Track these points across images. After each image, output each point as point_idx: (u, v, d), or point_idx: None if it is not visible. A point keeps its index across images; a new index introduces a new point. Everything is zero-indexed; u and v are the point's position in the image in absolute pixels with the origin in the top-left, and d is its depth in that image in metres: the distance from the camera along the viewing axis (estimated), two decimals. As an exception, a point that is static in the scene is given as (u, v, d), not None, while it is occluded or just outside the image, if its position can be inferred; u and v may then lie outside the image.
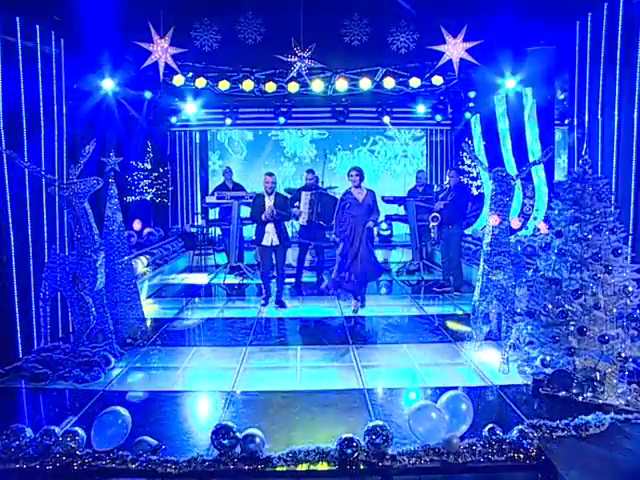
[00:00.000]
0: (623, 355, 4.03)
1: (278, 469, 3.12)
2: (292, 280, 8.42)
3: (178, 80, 8.28)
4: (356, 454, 3.14)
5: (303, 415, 3.87)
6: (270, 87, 9.01)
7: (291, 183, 12.56)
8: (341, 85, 8.86)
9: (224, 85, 8.94)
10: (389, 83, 8.77)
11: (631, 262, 4.52)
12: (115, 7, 6.79)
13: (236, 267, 9.39)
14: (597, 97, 5.84)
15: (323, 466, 3.13)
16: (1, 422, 3.46)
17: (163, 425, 3.75)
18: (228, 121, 11.71)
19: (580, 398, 4.03)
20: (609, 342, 4.07)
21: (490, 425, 3.32)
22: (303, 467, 3.12)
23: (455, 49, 7.55)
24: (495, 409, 3.98)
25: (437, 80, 8.55)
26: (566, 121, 7.77)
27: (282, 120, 11.72)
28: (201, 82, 8.62)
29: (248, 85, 8.90)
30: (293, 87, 8.78)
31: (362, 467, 3.14)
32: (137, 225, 9.80)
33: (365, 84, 8.81)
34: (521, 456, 3.17)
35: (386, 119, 11.97)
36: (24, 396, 4.40)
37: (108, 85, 7.93)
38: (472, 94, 9.99)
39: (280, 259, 7.26)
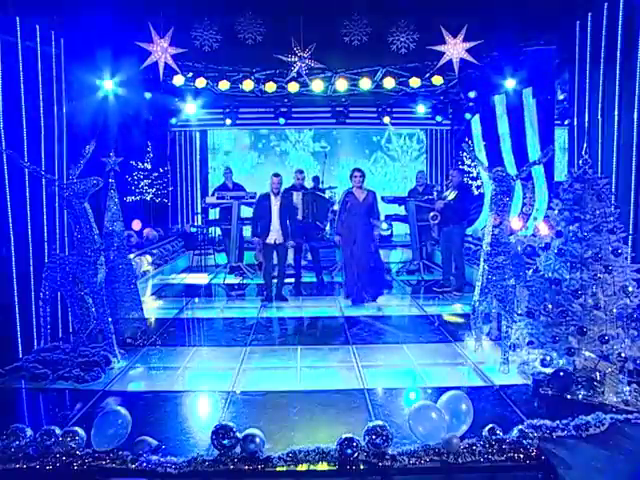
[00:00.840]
0: (623, 355, 4.04)
1: (278, 469, 3.11)
2: (292, 280, 8.42)
3: (178, 80, 8.28)
4: (356, 454, 3.14)
5: (303, 415, 3.87)
6: (270, 87, 9.01)
7: None
8: (341, 85, 8.86)
9: (224, 85, 8.94)
10: (389, 83, 8.77)
11: (631, 262, 4.52)
12: (115, 7, 6.79)
13: (236, 267, 9.39)
14: (597, 97, 5.83)
15: (323, 466, 3.13)
16: (1, 422, 3.46)
17: (163, 425, 3.75)
18: (228, 121, 11.71)
19: (580, 398, 4.03)
20: (609, 342, 4.07)
21: (490, 425, 3.31)
22: (303, 467, 3.12)
23: (455, 49, 7.54)
24: (495, 409, 3.97)
25: (437, 80, 8.55)
26: (566, 121, 7.76)
27: (282, 121, 11.72)
28: (201, 82, 8.62)
29: (248, 85, 8.90)
30: (293, 87, 8.78)
31: (362, 467, 3.13)
32: (137, 225, 9.80)
33: (365, 84, 8.81)
34: (521, 456, 3.17)
35: (386, 119, 11.96)
36: (24, 396, 4.39)
37: (108, 85, 7.94)
38: (472, 94, 9.99)
39: (282, 257, 7.45)
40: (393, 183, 13.30)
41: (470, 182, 10.96)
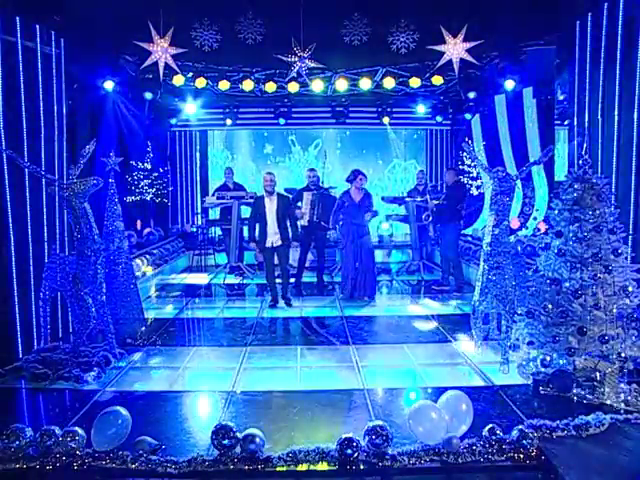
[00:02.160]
0: (623, 355, 4.04)
1: (278, 469, 3.12)
2: (292, 280, 8.41)
3: (178, 80, 8.29)
4: (356, 454, 3.14)
5: (303, 415, 3.87)
6: (270, 87, 9.01)
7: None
8: (341, 85, 8.87)
9: (224, 85, 8.93)
10: (389, 83, 8.78)
11: (631, 262, 4.52)
12: (115, 7, 6.80)
13: (236, 267, 9.39)
14: (597, 97, 5.83)
15: (323, 466, 3.13)
16: (1, 422, 3.46)
17: (163, 425, 3.75)
18: (228, 121, 11.70)
19: (580, 398, 4.03)
20: (609, 342, 4.07)
21: (490, 425, 3.32)
22: (303, 467, 3.12)
23: (455, 49, 7.55)
24: (495, 409, 3.97)
25: (437, 80, 8.55)
26: (566, 121, 7.76)
27: (282, 121, 11.71)
28: (201, 82, 8.62)
29: (248, 85, 8.90)
30: (293, 87, 8.78)
31: (362, 467, 3.14)
32: (137, 225, 9.80)
33: (365, 84, 8.81)
34: (521, 456, 3.17)
35: (386, 119, 11.95)
36: (24, 396, 4.40)
37: (108, 85, 7.94)
38: (472, 94, 9.98)
39: (283, 258, 7.32)
40: (393, 183, 13.30)
41: (470, 182, 10.96)
